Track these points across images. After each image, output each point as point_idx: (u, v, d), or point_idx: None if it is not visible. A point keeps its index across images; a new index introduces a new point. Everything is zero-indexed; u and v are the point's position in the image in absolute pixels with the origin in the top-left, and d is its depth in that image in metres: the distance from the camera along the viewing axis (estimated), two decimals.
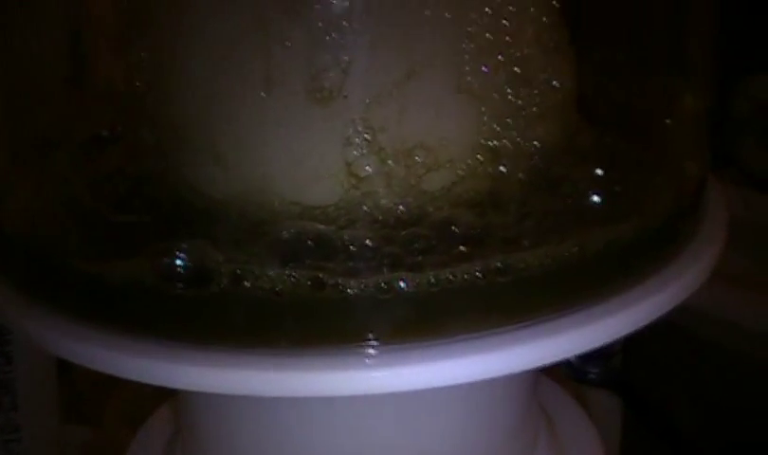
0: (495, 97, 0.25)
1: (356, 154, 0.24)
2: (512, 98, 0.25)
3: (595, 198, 0.26)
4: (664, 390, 0.57)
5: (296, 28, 0.24)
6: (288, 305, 0.23)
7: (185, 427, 0.31)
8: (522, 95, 0.25)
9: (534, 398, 0.30)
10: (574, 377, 0.51)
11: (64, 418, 0.53)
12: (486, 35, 0.25)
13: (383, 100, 0.24)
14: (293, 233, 0.24)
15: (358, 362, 0.23)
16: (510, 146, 0.25)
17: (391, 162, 0.24)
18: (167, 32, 0.26)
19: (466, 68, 0.25)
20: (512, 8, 0.25)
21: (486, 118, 0.25)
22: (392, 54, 0.24)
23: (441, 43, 0.25)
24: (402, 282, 0.23)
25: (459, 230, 0.24)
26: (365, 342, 0.23)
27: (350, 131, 0.24)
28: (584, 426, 0.33)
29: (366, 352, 0.23)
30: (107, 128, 0.30)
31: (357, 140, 0.24)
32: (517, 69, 0.25)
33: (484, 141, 0.25)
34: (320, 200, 0.24)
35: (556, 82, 0.26)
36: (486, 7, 0.25)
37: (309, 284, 0.22)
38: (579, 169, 0.26)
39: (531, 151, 0.26)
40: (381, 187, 0.24)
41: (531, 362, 0.24)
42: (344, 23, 0.24)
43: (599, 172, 0.26)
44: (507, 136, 0.25)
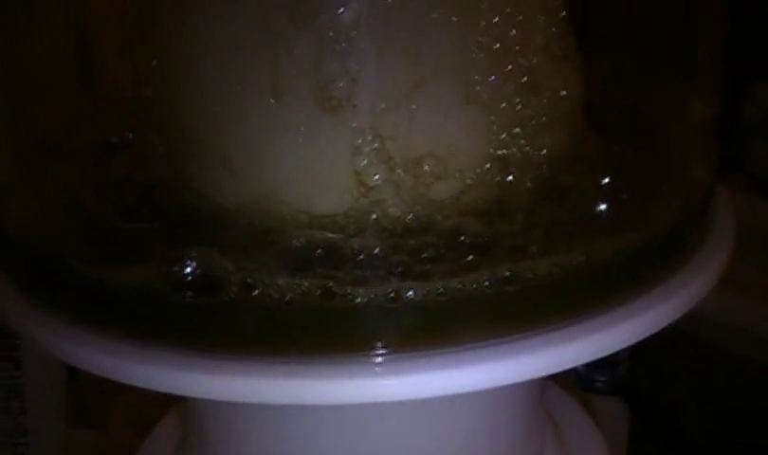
0: (503, 106, 0.25)
1: (364, 162, 0.24)
2: (520, 107, 0.25)
3: (603, 207, 0.26)
4: (671, 396, 0.57)
5: (305, 37, 0.24)
6: (297, 314, 0.23)
7: (193, 433, 0.31)
8: (531, 104, 0.26)
9: (541, 405, 0.30)
10: (580, 386, 0.51)
11: (71, 422, 0.53)
12: (495, 45, 0.25)
13: (392, 109, 0.24)
14: (302, 242, 0.24)
15: (367, 370, 0.23)
16: (518, 155, 0.25)
17: (399, 171, 0.24)
18: (175, 40, 0.26)
19: (475, 78, 0.25)
20: (520, 17, 0.25)
21: (495, 128, 0.25)
22: (400, 64, 0.24)
23: (449, 52, 0.25)
24: (410, 291, 0.23)
25: (467, 239, 0.24)
26: (373, 351, 0.23)
27: (359, 140, 0.24)
28: (591, 432, 0.33)
29: (374, 360, 0.23)
30: (116, 135, 0.30)
31: (366, 149, 0.24)
32: (525, 78, 0.25)
33: (492, 150, 0.25)
34: (328, 208, 0.24)
35: (563, 91, 0.26)
36: (495, 16, 0.25)
37: (318, 293, 0.23)
38: (587, 177, 0.26)
39: (539, 160, 0.26)
40: (390, 196, 0.24)
41: (539, 371, 0.24)
42: (353, 32, 0.24)
43: (607, 181, 0.26)
44: (515, 144, 0.25)
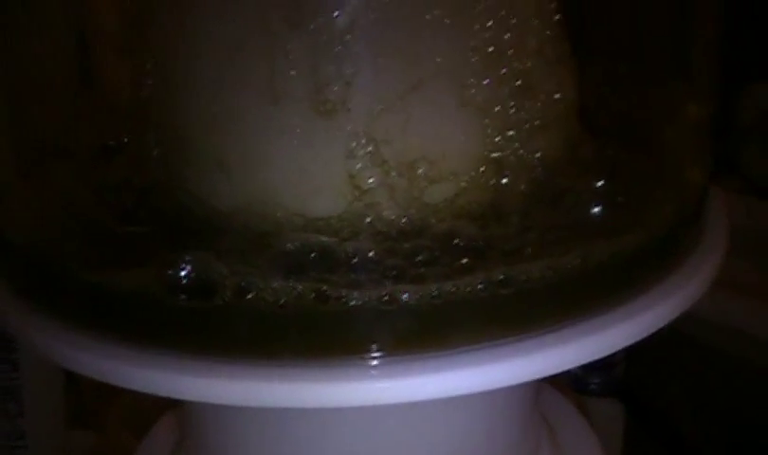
0: (497, 109, 0.25)
1: (359, 166, 0.24)
2: (515, 110, 0.26)
3: (597, 210, 0.26)
4: (667, 397, 0.57)
5: (300, 41, 0.24)
6: (292, 317, 0.23)
7: (189, 435, 0.31)
8: (525, 107, 0.26)
9: (536, 408, 0.30)
10: (575, 388, 0.51)
11: (69, 424, 0.53)
12: (489, 48, 0.25)
13: (386, 112, 0.24)
14: (296, 245, 0.24)
15: (362, 373, 0.23)
16: (513, 158, 0.26)
17: (394, 174, 0.24)
18: (172, 42, 0.26)
19: (469, 81, 0.25)
20: (514, 20, 0.25)
21: (489, 131, 0.25)
22: (394, 67, 0.24)
23: (444, 56, 0.25)
24: (405, 294, 0.23)
25: (461, 242, 0.24)
26: (368, 354, 0.23)
27: (353, 143, 0.24)
28: (585, 434, 0.33)
29: (370, 363, 0.23)
30: (114, 138, 0.30)
31: (361, 153, 0.24)
32: (519, 82, 0.26)
33: (486, 153, 0.25)
34: (323, 212, 0.25)
35: (558, 94, 0.26)
36: (489, 20, 0.25)
37: (313, 296, 0.23)
38: (581, 180, 0.26)
39: (533, 163, 0.26)
40: (384, 199, 0.24)
41: (533, 373, 0.24)
42: (348, 36, 0.24)
43: (601, 184, 0.26)
44: (510, 148, 0.26)
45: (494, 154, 0.25)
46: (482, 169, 0.25)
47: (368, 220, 0.24)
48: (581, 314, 0.24)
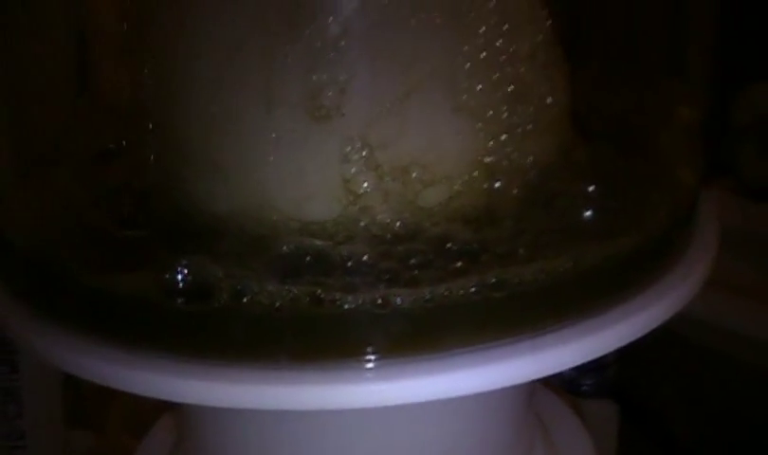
0: (490, 113, 0.26)
1: (353, 170, 0.24)
2: (508, 115, 0.26)
3: (590, 213, 0.26)
4: (661, 398, 0.57)
5: (295, 47, 0.24)
6: (287, 320, 0.23)
7: (187, 436, 0.31)
8: (518, 112, 0.26)
9: (530, 409, 0.30)
10: (567, 389, 0.51)
11: (68, 424, 0.53)
12: (482, 53, 0.25)
13: (380, 117, 0.24)
14: (292, 249, 0.24)
15: (357, 376, 0.23)
16: (506, 162, 0.26)
17: (388, 179, 0.25)
18: (169, 46, 0.26)
19: (462, 86, 0.25)
20: (507, 26, 0.26)
21: (483, 135, 0.25)
22: (389, 73, 0.24)
23: (437, 61, 0.25)
24: (398, 298, 0.23)
25: (455, 246, 0.24)
26: (363, 356, 0.23)
27: (348, 148, 0.24)
28: (579, 434, 0.34)
29: (365, 366, 0.23)
30: (112, 141, 0.30)
31: (355, 157, 0.24)
32: (512, 87, 0.26)
33: (480, 158, 0.26)
34: (318, 215, 0.25)
35: (551, 99, 0.27)
36: (482, 25, 0.25)
37: (308, 300, 0.23)
38: (574, 184, 0.27)
39: (526, 167, 0.26)
40: (378, 203, 0.25)
41: (527, 375, 0.24)
42: (342, 42, 0.24)
43: (594, 187, 0.27)
44: (503, 152, 0.26)
45: (487, 159, 0.26)
46: (475, 173, 0.25)
47: (362, 224, 0.25)
48: (574, 316, 0.24)
